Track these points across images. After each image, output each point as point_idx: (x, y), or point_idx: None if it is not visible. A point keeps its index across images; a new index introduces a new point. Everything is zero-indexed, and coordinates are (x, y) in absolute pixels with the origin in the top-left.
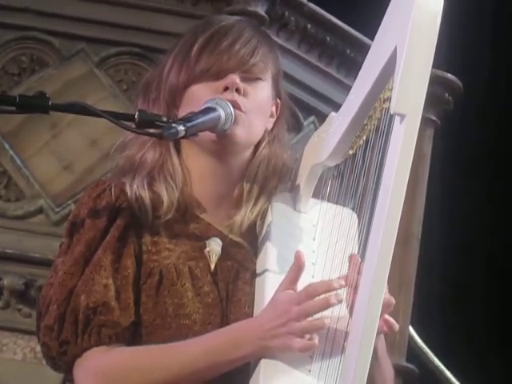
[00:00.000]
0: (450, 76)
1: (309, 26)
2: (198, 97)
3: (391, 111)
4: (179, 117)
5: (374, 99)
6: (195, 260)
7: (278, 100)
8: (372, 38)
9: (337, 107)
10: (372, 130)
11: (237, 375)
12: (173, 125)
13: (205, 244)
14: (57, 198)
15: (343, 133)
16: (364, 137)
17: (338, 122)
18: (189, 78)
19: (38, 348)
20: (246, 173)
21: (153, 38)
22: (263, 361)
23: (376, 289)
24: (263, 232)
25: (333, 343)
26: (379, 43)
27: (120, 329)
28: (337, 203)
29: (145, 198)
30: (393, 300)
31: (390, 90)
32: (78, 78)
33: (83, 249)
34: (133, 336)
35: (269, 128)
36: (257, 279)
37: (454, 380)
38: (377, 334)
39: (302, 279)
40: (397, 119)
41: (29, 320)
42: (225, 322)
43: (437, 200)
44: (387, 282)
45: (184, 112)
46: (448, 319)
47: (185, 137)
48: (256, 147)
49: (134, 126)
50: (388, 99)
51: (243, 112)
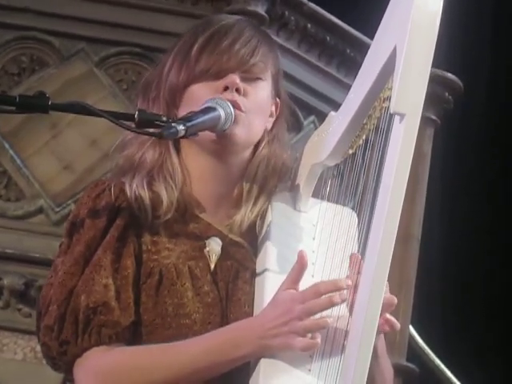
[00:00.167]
0: (450, 75)
1: (309, 26)
2: (198, 96)
3: (391, 110)
4: (179, 116)
5: (374, 98)
6: (195, 260)
7: (278, 100)
8: (372, 38)
9: (337, 107)
10: (372, 130)
11: (237, 375)
12: (173, 124)
13: (204, 244)
14: (57, 198)
15: (343, 132)
16: (364, 136)
17: (338, 122)
18: (189, 78)
19: (39, 348)
20: (246, 172)
21: (153, 38)
22: (263, 360)
23: (376, 288)
24: (263, 231)
25: (333, 342)
26: (379, 42)
27: (120, 328)
28: (337, 203)
29: (144, 198)
30: (395, 299)
31: (390, 89)
32: (78, 78)
33: (83, 249)
34: (133, 336)
35: (268, 128)
36: (257, 279)
37: (455, 380)
38: (378, 334)
39: (302, 279)
40: (396, 118)
41: (29, 320)
42: (225, 322)
43: (437, 200)
44: (387, 282)
45: (184, 112)
46: (448, 319)
47: (185, 136)
48: (256, 147)
49: (134, 126)
50: (388, 98)
51: (243, 112)
